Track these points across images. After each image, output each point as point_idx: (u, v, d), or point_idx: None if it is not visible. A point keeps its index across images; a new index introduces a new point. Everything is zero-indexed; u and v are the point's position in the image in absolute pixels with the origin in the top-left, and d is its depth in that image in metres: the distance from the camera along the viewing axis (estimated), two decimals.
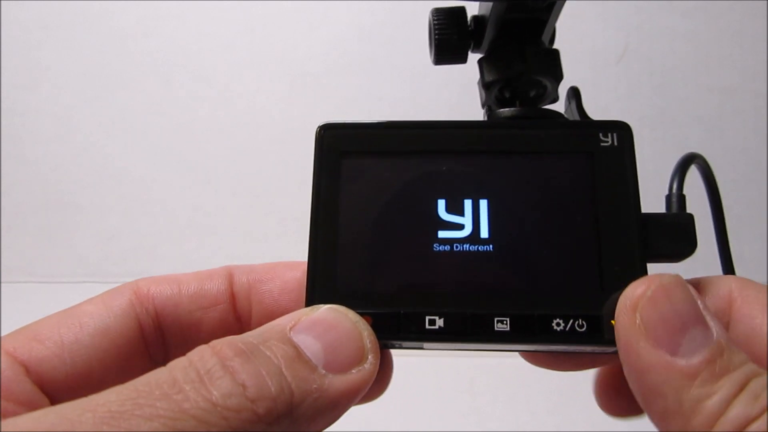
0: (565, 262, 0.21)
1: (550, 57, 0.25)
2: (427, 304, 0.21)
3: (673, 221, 0.22)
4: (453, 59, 0.26)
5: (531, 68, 0.25)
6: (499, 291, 0.21)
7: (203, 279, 0.23)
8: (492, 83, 0.25)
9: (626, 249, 0.21)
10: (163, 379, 0.16)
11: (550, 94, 0.26)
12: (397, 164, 0.23)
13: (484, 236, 0.21)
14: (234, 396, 0.16)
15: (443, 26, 0.25)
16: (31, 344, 0.19)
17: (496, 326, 0.20)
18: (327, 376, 0.18)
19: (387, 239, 0.22)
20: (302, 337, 0.18)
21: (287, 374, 0.17)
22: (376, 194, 0.22)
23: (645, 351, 0.17)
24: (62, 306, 0.21)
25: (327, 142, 0.23)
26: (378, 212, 0.22)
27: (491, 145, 0.23)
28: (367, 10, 0.83)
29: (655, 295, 0.18)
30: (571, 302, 0.20)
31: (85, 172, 0.85)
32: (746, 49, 0.80)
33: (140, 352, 0.22)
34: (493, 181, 0.22)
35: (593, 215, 0.21)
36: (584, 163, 0.22)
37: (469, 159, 0.22)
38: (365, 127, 0.23)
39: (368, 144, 0.23)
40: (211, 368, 0.16)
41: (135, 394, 0.15)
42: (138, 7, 0.84)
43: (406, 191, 0.22)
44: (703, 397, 0.16)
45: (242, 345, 0.17)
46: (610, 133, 0.22)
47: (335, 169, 0.22)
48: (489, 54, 0.26)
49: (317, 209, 0.22)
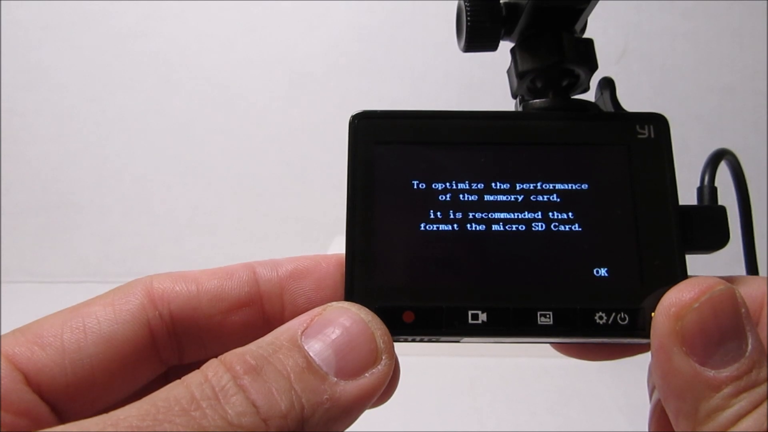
0: (604, 253, 0.21)
1: (586, 46, 0.25)
2: (470, 297, 0.21)
3: (708, 213, 0.22)
4: (484, 46, 0.25)
5: (568, 57, 0.24)
6: (541, 284, 0.21)
7: (223, 277, 0.22)
8: (527, 72, 0.25)
9: (666, 242, 0.21)
10: (181, 395, 0.16)
11: (583, 83, 0.25)
12: (434, 154, 0.22)
13: (522, 228, 0.21)
14: (247, 415, 0.16)
15: (476, 11, 0.25)
16: (32, 349, 0.19)
17: (540, 320, 0.20)
18: (339, 383, 0.17)
19: (424, 231, 0.21)
20: (313, 343, 0.18)
21: (297, 388, 0.17)
22: (413, 185, 0.22)
23: (677, 356, 0.17)
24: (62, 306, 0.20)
25: (361, 132, 0.23)
26: (415, 203, 0.22)
27: (529, 137, 0.22)
28: (367, 10, 0.83)
29: (702, 307, 0.18)
30: (612, 295, 0.20)
31: (85, 172, 0.85)
32: (746, 49, 0.80)
33: (149, 358, 0.21)
34: (531, 173, 0.22)
35: (632, 208, 0.21)
36: (622, 155, 0.22)
37: (506, 150, 0.22)
38: (400, 117, 0.23)
39: (403, 133, 0.23)
40: (225, 385, 0.16)
41: (155, 410, 0.15)
42: (138, 7, 0.84)
43: (443, 182, 0.22)
44: (720, 408, 0.16)
45: (252, 359, 0.17)
46: (647, 125, 0.22)
47: (369, 159, 0.22)
48: (522, 42, 0.25)
49: (353, 200, 0.22)
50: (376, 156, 0.22)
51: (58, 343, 0.19)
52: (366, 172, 0.22)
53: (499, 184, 0.22)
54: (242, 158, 0.84)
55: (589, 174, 0.22)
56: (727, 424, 0.16)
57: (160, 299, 0.21)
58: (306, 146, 0.82)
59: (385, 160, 0.22)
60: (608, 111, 0.25)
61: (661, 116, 0.22)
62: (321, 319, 0.19)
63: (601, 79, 0.26)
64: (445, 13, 0.69)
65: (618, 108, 0.25)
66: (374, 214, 0.21)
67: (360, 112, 0.23)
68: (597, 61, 0.25)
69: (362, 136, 0.22)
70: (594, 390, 0.56)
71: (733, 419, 0.16)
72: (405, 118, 0.23)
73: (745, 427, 0.16)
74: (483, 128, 0.23)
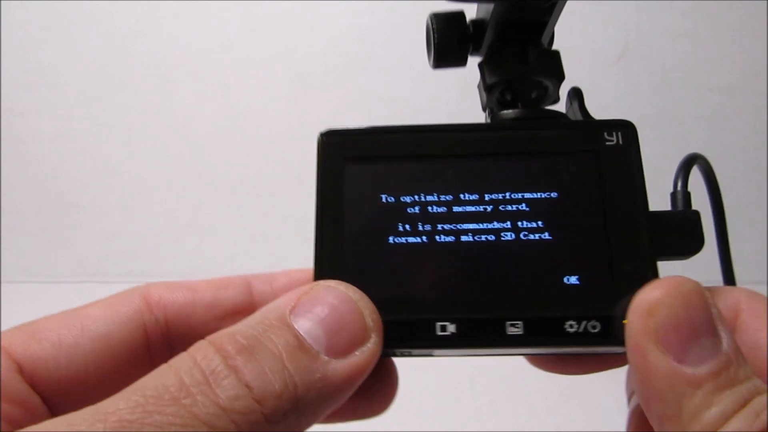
0: (574, 261, 0.21)
1: (551, 58, 0.25)
2: (438, 309, 0.20)
3: (681, 218, 0.22)
4: (452, 63, 0.26)
5: (533, 69, 0.25)
6: (510, 294, 0.21)
7: (218, 287, 0.22)
8: (494, 85, 0.25)
9: (636, 247, 0.21)
10: (170, 383, 0.16)
11: (552, 94, 0.26)
12: (402, 168, 0.22)
13: (491, 238, 0.21)
14: (241, 398, 0.15)
15: (442, 31, 0.25)
16: (27, 342, 0.19)
17: (509, 330, 0.20)
18: (330, 362, 0.17)
19: (392, 244, 0.21)
20: (303, 322, 0.18)
21: (290, 367, 0.17)
22: (381, 199, 0.22)
23: (653, 355, 0.17)
24: (62, 306, 0.21)
25: (329, 149, 0.23)
26: (383, 217, 0.22)
27: (497, 147, 0.22)
28: (367, 10, 0.83)
29: (672, 301, 0.17)
30: (583, 302, 0.20)
31: (85, 172, 0.85)
32: (746, 49, 0.80)
33: (142, 360, 0.21)
34: (500, 183, 0.22)
35: (601, 214, 0.21)
36: (590, 163, 0.22)
37: (474, 161, 0.22)
38: (367, 133, 0.23)
39: (371, 149, 0.23)
40: (216, 367, 0.16)
41: (144, 401, 0.15)
42: (138, 7, 0.84)
43: (411, 195, 0.22)
44: (703, 406, 0.16)
45: (243, 339, 0.17)
46: (614, 131, 0.22)
47: (338, 176, 0.22)
48: (489, 56, 0.26)
49: (322, 216, 0.22)
50: (344, 173, 0.22)
51: (55, 338, 0.19)
52: (334, 188, 0.22)
53: (468, 195, 0.22)
54: (242, 158, 0.84)
55: (558, 182, 0.22)
56: (715, 423, 0.16)
57: (157, 304, 0.22)
58: (306, 146, 0.82)
59: (353, 176, 0.22)
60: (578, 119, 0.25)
61: (628, 123, 0.22)
62: (309, 298, 0.19)
63: (570, 89, 0.27)
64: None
65: (587, 117, 0.25)
66: (343, 230, 0.21)
67: (328, 130, 0.23)
68: (564, 72, 0.25)
69: (330, 153, 0.22)
70: (594, 390, 0.56)
71: (720, 419, 0.16)
72: (372, 133, 0.23)
73: (735, 428, 0.15)
74: (451, 140, 0.23)
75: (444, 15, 0.26)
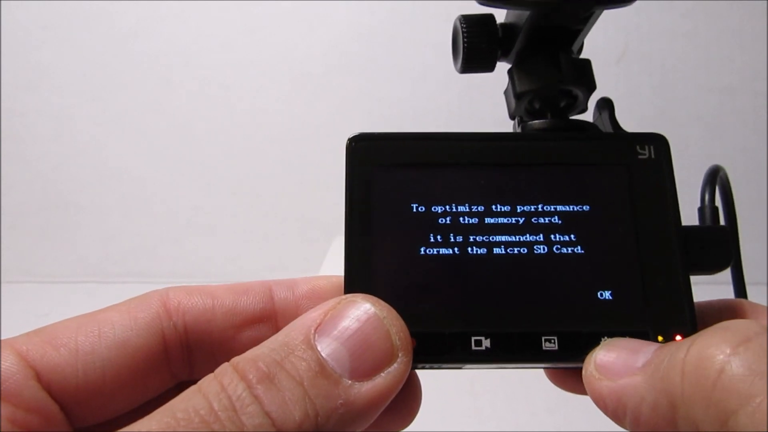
0: (607, 276, 0.21)
1: (584, 67, 0.25)
2: (472, 323, 0.20)
3: (710, 234, 0.22)
4: (481, 68, 0.25)
5: (566, 78, 0.24)
6: (544, 308, 0.20)
7: (239, 293, 0.22)
8: (524, 93, 0.24)
9: (669, 263, 0.21)
10: (200, 406, 0.16)
11: (580, 104, 0.25)
12: (433, 176, 0.22)
13: (524, 251, 0.21)
14: (264, 426, 0.16)
15: (473, 34, 0.24)
16: (44, 348, 0.19)
17: (544, 345, 0.20)
18: (353, 386, 0.17)
19: (424, 255, 0.21)
20: (327, 342, 0.18)
21: (311, 393, 0.16)
22: (412, 209, 0.22)
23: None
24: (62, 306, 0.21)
25: (358, 154, 0.22)
26: (414, 227, 0.21)
27: (529, 158, 0.22)
28: (367, 10, 0.83)
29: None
30: (617, 318, 0.20)
31: (85, 172, 0.85)
32: (746, 49, 0.80)
33: (160, 367, 0.21)
34: (532, 195, 0.22)
35: (634, 229, 0.21)
36: (622, 176, 0.22)
37: (506, 172, 0.22)
38: (398, 139, 0.22)
39: (402, 156, 0.22)
40: (241, 394, 0.16)
41: (175, 423, 0.15)
42: (138, 7, 0.84)
43: (443, 205, 0.22)
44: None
45: (264, 366, 0.17)
46: (647, 145, 0.22)
47: (368, 182, 0.22)
48: (519, 63, 0.25)
49: (351, 224, 0.21)
50: (374, 179, 0.22)
51: (72, 345, 0.19)
52: (364, 195, 0.22)
53: (500, 207, 0.22)
54: (242, 158, 0.84)
55: (590, 195, 0.22)
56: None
57: (176, 310, 0.21)
58: (306, 146, 0.82)
59: (383, 183, 0.22)
60: (607, 131, 0.25)
61: (661, 136, 0.22)
62: (334, 314, 0.18)
63: (600, 99, 0.26)
64: (445, 13, 0.69)
65: (617, 128, 0.25)
66: (373, 239, 0.21)
67: (357, 135, 0.22)
68: (595, 82, 0.25)
69: (360, 159, 0.22)
70: None
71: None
72: (403, 139, 0.22)
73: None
74: (482, 150, 0.22)
75: (475, 17, 0.25)
